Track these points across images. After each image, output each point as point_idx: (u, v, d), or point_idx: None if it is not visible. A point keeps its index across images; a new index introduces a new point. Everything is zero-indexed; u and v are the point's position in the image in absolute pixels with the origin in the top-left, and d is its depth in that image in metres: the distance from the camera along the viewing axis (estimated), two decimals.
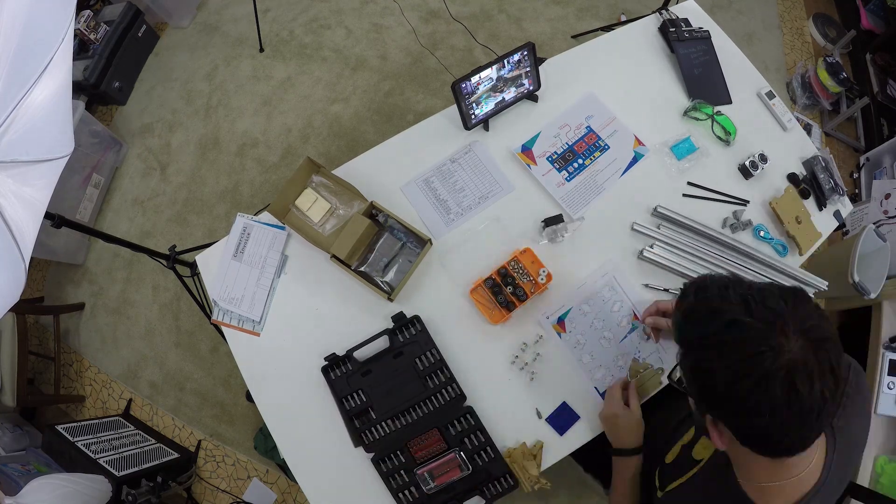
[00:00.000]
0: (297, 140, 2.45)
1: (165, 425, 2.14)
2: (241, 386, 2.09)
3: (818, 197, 1.35)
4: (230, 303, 1.22)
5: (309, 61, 2.60)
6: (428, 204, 1.30)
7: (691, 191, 1.31)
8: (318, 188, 1.30)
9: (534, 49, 1.25)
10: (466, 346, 1.18)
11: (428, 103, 2.47)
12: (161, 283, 2.27)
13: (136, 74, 2.68)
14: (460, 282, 1.22)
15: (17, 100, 0.77)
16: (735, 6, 2.75)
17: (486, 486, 1.09)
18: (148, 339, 2.22)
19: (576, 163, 1.33)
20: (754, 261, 1.24)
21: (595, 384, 1.16)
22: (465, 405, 1.13)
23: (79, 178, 2.28)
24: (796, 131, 1.41)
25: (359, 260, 1.23)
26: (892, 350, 1.64)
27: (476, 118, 1.32)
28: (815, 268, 1.95)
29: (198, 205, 2.39)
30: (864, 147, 2.46)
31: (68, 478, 1.56)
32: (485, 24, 2.62)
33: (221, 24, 2.76)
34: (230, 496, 2.03)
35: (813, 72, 2.47)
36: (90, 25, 2.44)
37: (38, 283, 2.38)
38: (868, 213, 2.07)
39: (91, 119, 2.32)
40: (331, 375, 1.15)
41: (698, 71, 1.42)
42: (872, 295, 1.70)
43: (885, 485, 1.50)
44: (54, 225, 1.30)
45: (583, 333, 1.19)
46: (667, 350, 1.18)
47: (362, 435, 1.11)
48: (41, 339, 2.29)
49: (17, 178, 0.82)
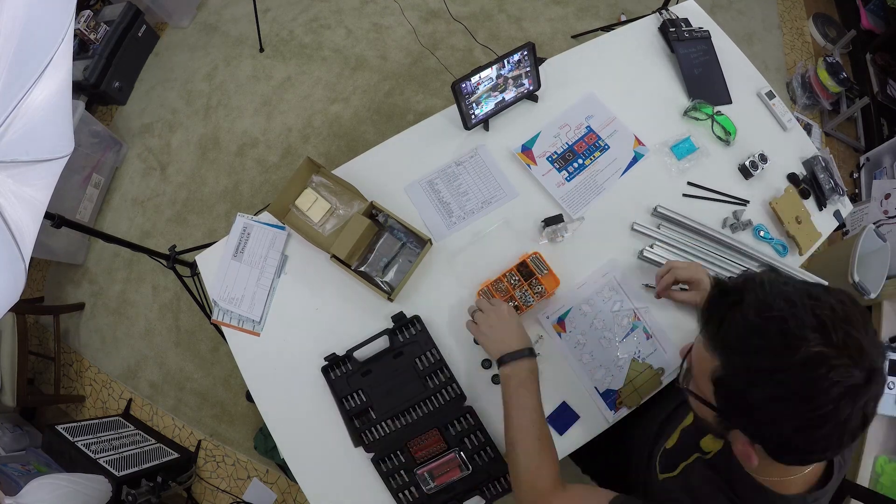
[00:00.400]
0: (297, 140, 2.45)
1: (165, 425, 2.14)
2: (241, 386, 2.09)
3: (818, 197, 1.35)
4: (230, 303, 1.22)
5: (309, 61, 2.60)
6: (430, 206, 1.30)
7: (691, 191, 1.31)
8: (318, 188, 1.30)
9: (534, 49, 1.25)
10: (467, 346, 1.18)
11: (428, 103, 2.47)
12: (161, 283, 2.27)
13: (136, 74, 2.68)
14: (464, 283, 1.22)
15: (16, 100, 0.77)
16: (735, 6, 2.75)
17: (486, 486, 1.09)
18: (148, 339, 2.22)
19: (576, 163, 1.33)
20: (754, 261, 1.24)
21: (595, 384, 1.16)
22: (465, 405, 1.13)
23: (79, 178, 2.28)
24: (796, 131, 1.41)
25: (359, 260, 1.23)
26: (893, 350, 1.64)
27: (476, 118, 1.32)
28: (815, 268, 1.96)
29: (198, 205, 2.39)
30: (864, 147, 2.46)
31: (68, 478, 1.56)
32: (485, 23, 2.62)
33: (221, 24, 2.76)
34: (230, 496, 2.03)
35: (813, 72, 2.47)
36: (90, 25, 2.44)
37: (38, 283, 2.38)
38: (868, 213, 2.07)
39: (91, 119, 2.32)
40: (331, 375, 1.15)
41: (698, 71, 1.42)
42: (872, 295, 1.70)
43: (885, 485, 1.50)
44: (54, 225, 1.30)
45: (583, 333, 1.19)
46: (668, 351, 1.18)
47: (362, 435, 1.11)
48: (41, 339, 2.29)
49: (17, 178, 0.82)
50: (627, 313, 1.21)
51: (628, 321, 1.20)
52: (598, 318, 1.20)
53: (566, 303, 1.21)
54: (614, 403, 1.14)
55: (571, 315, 1.21)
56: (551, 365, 1.17)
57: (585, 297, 1.22)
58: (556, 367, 1.17)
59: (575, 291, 1.22)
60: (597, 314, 1.21)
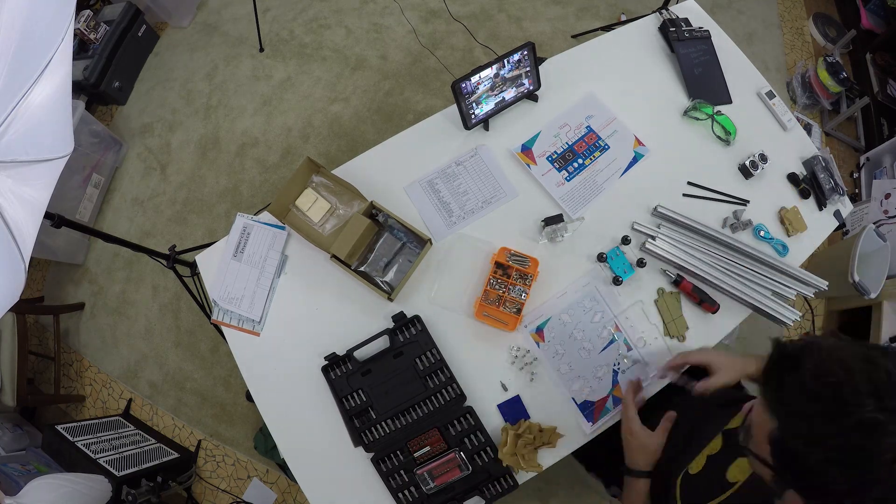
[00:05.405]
0: (297, 140, 2.45)
1: (165, 425, 2.14)
2: (241, 386, 2.09)
3: (818, 197, 1.35)
4: (230, 303, 1.22)
5: (309, 61, 2.60)
6: (430, 205, 1.30)
7: (692, 190, 1.31)
8: (318, 188, 1.30)
9: (534, 49, 1.25)
10: (467, 346, 1.18)
11: (428, 103, 2.47)
12: (161, 283, 2.27)
13: (135, 74, 2.68)
14: (455, 308, 1.21)
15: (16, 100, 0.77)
16: (735, 6, 2.75)
17: (486, 486, 1.09)
18: (148, 339, 2.22)
19: (576, 163, 1.32)
20: (754, 261, 1.24)
21: (573, 395, 1.14)
22: (465, 405, 1.13)
23: (79, 177, 2.28)
24: (796, 131, 1.41)
25: (359, 260, 1.23)
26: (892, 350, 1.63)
27: (476, 118, 1.32)
28: (815, 268, 1.96)
29: (198, 205, 2.39)
30: (864, 147, 2.46)
31: (68, 478, 1.55)
32: (485, 23, 2.62)
33: (221, 24, 2.76)
34: (230, 496, 2.03)
35: (813, 71, 2.47)
36: (90, 25, 2.44)
37: (38, 283, 2.38)
38: (868, 213, 2.07)
39: (91, 119, 2.32)
40: (331, 375, 1.15)
41: (698, 71, 1.42)
42: (872, 295, 1.71)
43: None
44: (54, 225, 1.29)
45: (562, 343, 1.18)
46: (649, 363, 1.16)
47: (362, 435, 1.11)
48: (41, 339, 2.29)
49: (16, 178, 0.82)
50: (608, 324, 1.19)
51: (608, 332, 1.19)
52: (578, 328, 1.19)
53: (546, 311, 1.20)
54: (592, 415, 1.13)
55: (551, 324, 1.19)
56: (551, 366, 1.17)
57: (565, 307, 1.20)
58: (535, 378, 1.17)
59: (555, 300, 1.21)
60: (576, 324, 1.19)
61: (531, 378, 1.16)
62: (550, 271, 1.22)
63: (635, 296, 1.22)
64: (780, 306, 1.20)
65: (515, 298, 1.17)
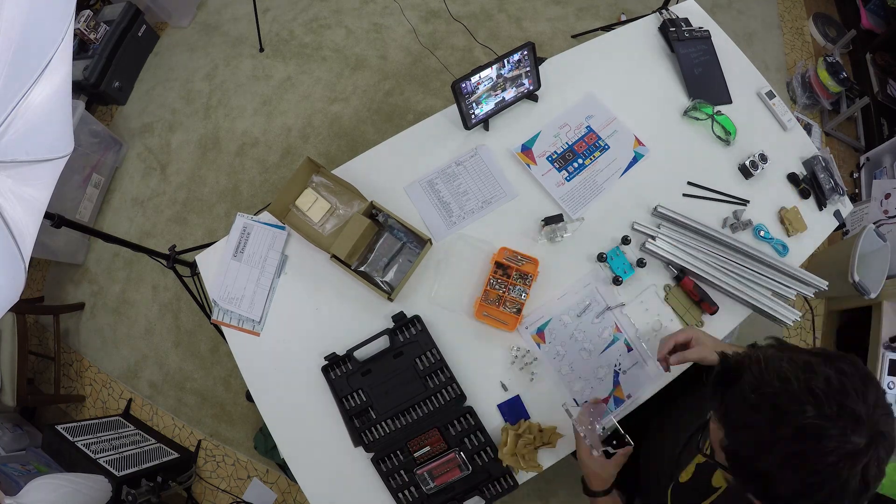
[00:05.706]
0: (297, 140, 2.45)
1: (165, 425, 2.14)
2: (241, 386, 2.09)
3: (818, 197, 1.35)
4: (230, 303, 1.22)
5: (309, 61, 2.60)
6: (430, 205, 1.30)
7: (692, 190, 1.31)
8: (318, 188, 1.30)
9: (534, 49, 1.25)
10: (467, 346, 1.18)
11: (428, 103, 2.47)
12: (161, 283, 2.27)
13: (135, 74, 2.67)
14: (455, 309, 1.21)
15: (16, 99, 0.76)
16: (735, 6, 2.75)
17: (486, 486, 1.09)
18: (148, 339, 2.22)
19: (576, 163, 1.32)
20: (754, 261, 1.24)
21: (574, 396, 1.15)
22: (465, 405, 1.13)
23: (79, 177, 2.28)
24: (796, 131, 1.41)
25: (359, 260, 1.23)
26: (892, 350, 1.64)
27: (476, 118, 1.32)
28: (815, 268, 1.96)
29: (198, 205, 2.39)
30: (864, 147, 2.46)
31: (68, 478, 1.55)
32: (485, 23, 2.62)
33: (221, 24, 2.76)
34: (230, 496, 2.03)
35: (813, 71, 2.47)
36: (90, 25, 2.44)
37: (38, 283, 2.38)
38: (868, 213, 2.07)
39: (91, 119, 2.32)
40: (331, 375, 1.15)
41: (698, 71, 1.42)
42: (872, 295, 1.70)
43: (885, 485, 1.50)
44: (54, 225, 1.29)
45: (562, 344, 1.18)
46: (649, 364, 1.14)
47: (362, 435, 1.11)
48: (41, 339, 2.29)
49: (16, 178, 0.82)
50: (608, 325, 1.20)
51: (609, 333, 1.19)
52: (579, 329, 1.19)
53: (546, 313, 1.20)
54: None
55: (552, 325, 1.19)
56: (551, 366, 1.17)
57: (566, 308, 1.21)
58: (535, 378, 1.17)
59: (555, 301, 1.21)
60: (577, 325, 1.19)
61: (531, 378, 1.16)
62: (550, 271, 1.22)
63: (635, 296, 1.22)
64: (780, 306, 1.20)
65: (515, 298, 1.17)
